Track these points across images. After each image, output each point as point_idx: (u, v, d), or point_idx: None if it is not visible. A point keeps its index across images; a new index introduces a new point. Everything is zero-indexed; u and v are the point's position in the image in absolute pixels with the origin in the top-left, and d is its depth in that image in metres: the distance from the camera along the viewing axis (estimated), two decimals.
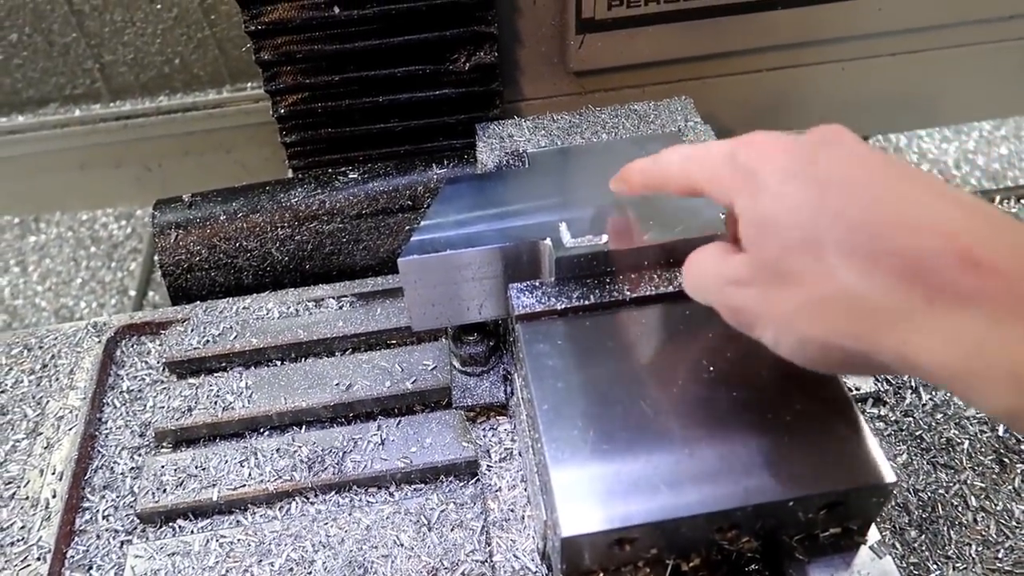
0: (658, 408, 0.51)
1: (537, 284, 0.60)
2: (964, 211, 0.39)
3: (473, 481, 0.66)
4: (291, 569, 0.60)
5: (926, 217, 0.39)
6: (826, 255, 0.41)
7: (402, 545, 0.61)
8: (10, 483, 0.68)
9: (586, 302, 0.58)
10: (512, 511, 0.60)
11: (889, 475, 0.47)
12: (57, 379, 0.75)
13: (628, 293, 0.58)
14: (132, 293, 1.39)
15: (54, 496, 0.66)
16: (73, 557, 0.64)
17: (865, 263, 0.39)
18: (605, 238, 0.59)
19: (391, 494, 0.67)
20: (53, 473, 0.68)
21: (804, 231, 0.41)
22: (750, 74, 1.02)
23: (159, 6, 1.26)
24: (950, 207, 0.39)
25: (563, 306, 0.58)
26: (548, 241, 0.59)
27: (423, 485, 0.67)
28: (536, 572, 0.55)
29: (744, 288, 0.45)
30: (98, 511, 0.67)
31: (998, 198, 0.87)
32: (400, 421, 0.70)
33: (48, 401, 0.73)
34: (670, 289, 0.58)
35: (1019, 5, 0.99)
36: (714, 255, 0.49)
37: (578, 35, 0.90)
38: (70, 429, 0.71)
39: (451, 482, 0.67)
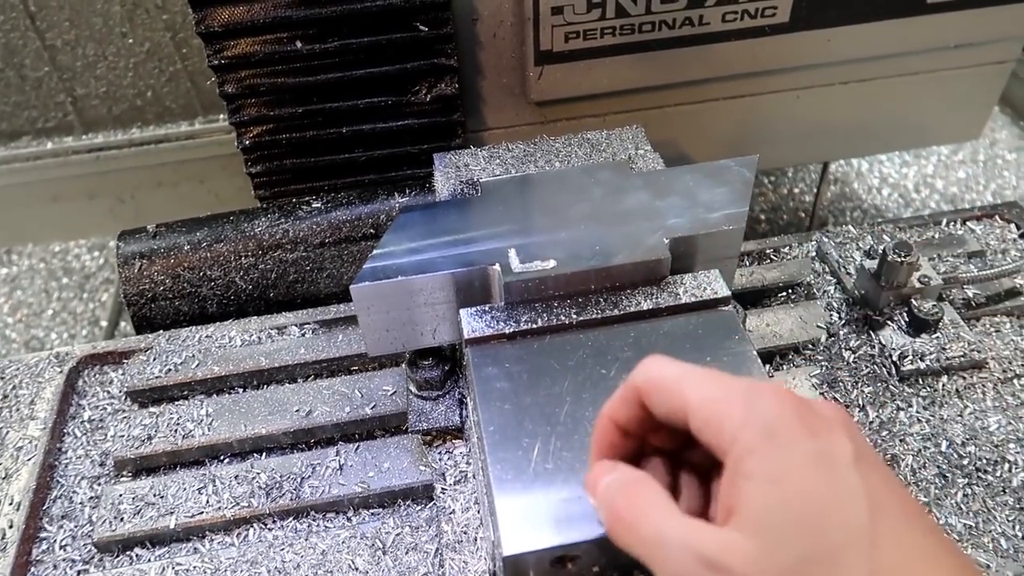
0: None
1: (487, 309, 0.62)
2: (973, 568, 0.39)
3: (429, 504, 0.67)
4: None
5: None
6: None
7: (357, 569, 0.62)
8: None
9: (534, 326, 0.60)
10: (465, 533, 0.61)
11: None
12: (18, 409, 0.76)
13: (575, 317, 0.60)
14: (104, 324, 1.40)
15: (11, 526, 0.66)
16: None
17: None
18: (552, 263, 0.61)
19: (349, 519, 0.67)
20: (11, 504, 0.68)
21: (835, 550, 0.36)
22: (708, 103, 1.05)
23: (131, 40, 1.28)
24: (965, 563, 0.40)
25: (512, 330, 0.59)
26: (497, 267, 0.61)
27: (380, 509, 0.68)
28: None
29: None
30: (55, 541, 0.67)
31: (944, 220, 0.90)
32: (359, 446, 0.71)
33: (8, 432, 0.74)
34: (615, 312, 0.60)
35: (964, 35, 1.02)
36: (670, 511, 0.40)
37: (537, 67, 0.92)
38: (29, 459, 0.71)
39: (408, 506, 0.68)
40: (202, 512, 0.67)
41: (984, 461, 0.67)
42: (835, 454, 0.38)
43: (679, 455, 0.46)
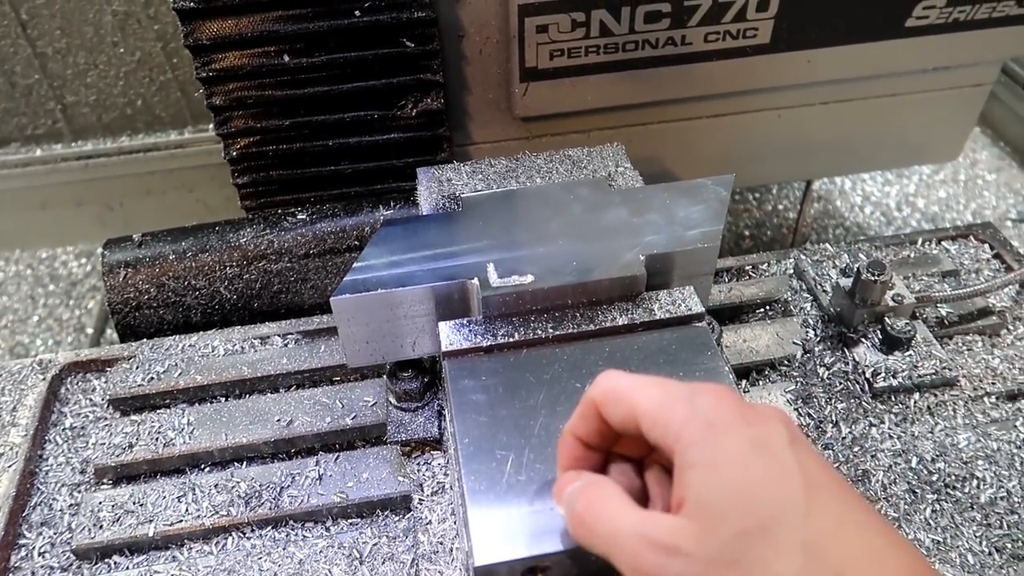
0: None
1: (466, 322, 0.63)
2: (915, 553, 0.42)
3: (407, 515, 0.68)
4: None
5: (892, 551, 0.40)
6: (789, 555, 0.39)
7: None
8: None
9: (511, 339, 0.61)
10: (441, 544, 0.62)
11: None
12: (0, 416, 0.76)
13: (551, 331, 0.61)
14: (89, 331, 1.40)
15: None
16: None
17: (810, 566, 0.38)
18: (530, 278, 0.62)
19: (327, 528, 0.68)
20: None
21: (770, 521, 0.39)
22: (691, 120, 1.07)
23: (122, 50, 1.29)
24: (904, 543, 0.42)
25: (489, 343, 0.60)
26: (476, 281, 0.62)
27: (359, 519, 0.69)
28: None
29: (675, 558, 0.40)
30: (34, 548, 0.67)
31: (920, 240, 0.91)
32: (338, 456, 0.71)
33: None
34: (591, 327, 0.61)
35: (942, 58, 1.04)
36: (623, 504, 0.43)
37: (522, 83, 0.94)
38: (9, 466, 0.71)
39: (386, 516, 0.68)
40: (181, 520, 0.67)
41: (953, 477, 0.69)
42: (770, 439, 0.42)
43: (645, 461, 0.49)
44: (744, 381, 0.78)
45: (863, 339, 0.78)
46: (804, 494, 0.40)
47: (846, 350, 0.78)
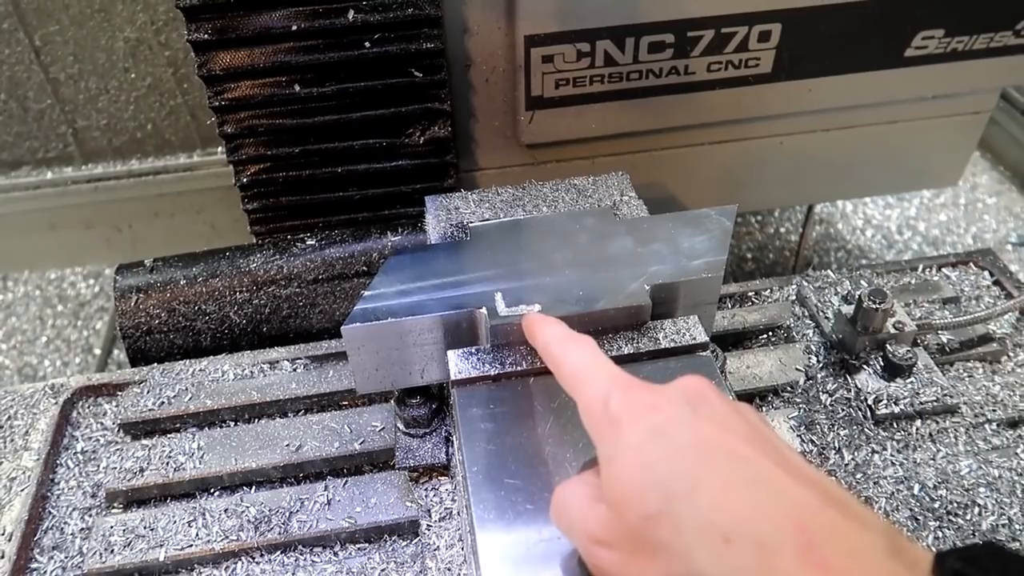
0: (582, 470, 0.55)
1: (474, 350, 0.64)
2: (818, 499, 0.40)
3: (415, 540, 0.69)
4: None
5: (779, 504, 0.39)
6: (684, 530, 0.40)
7: None
8: None
9: (519, 368, 0.62)
10: (449, 570, 0.63)
11: None
12: (12, 440, 0.77)
13: None
14: (97, 352, 1.41)
15: (2, 556, 0.67)
16: None
17: (717, 545, 0.39)
18: (537, 307, 0.63)
19: (335, 553, 0.69)
20: (3, 534, 0.69)
21: (664, 501, 0.41)
22: (694, 147, 1.09)
23: (133, 75, 1.32)
24: (806, 493, 0.40)
25: (497, 372, 0.61)
26: (484, 310, 0.63)
27: (367, 544, 0.69)
28: None
29: (606, 550, 0.45)
30: (45, 572, 0.68)
31: (920, 266, 0.92)
32: (347, 481, 0.72)
33: (1, 462, 0.75)
34: None
35: (941, 87, 1.06)
36: (580, 498, 0.47)
37: (528, 111, 0.95)
38: (22, 490, 0.72)
39: (394, 541, 0.69)
40: (191, 545, 0.68)
41: (955, 504, 0.69)
42: (668, 422, 0.44)
43: None
44: None
45: (865, 366, 0.79)
46: (691, 466, 0.41)
47: (848, 377, 0.79)
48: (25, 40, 1.26)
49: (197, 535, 0.68)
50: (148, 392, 0.80)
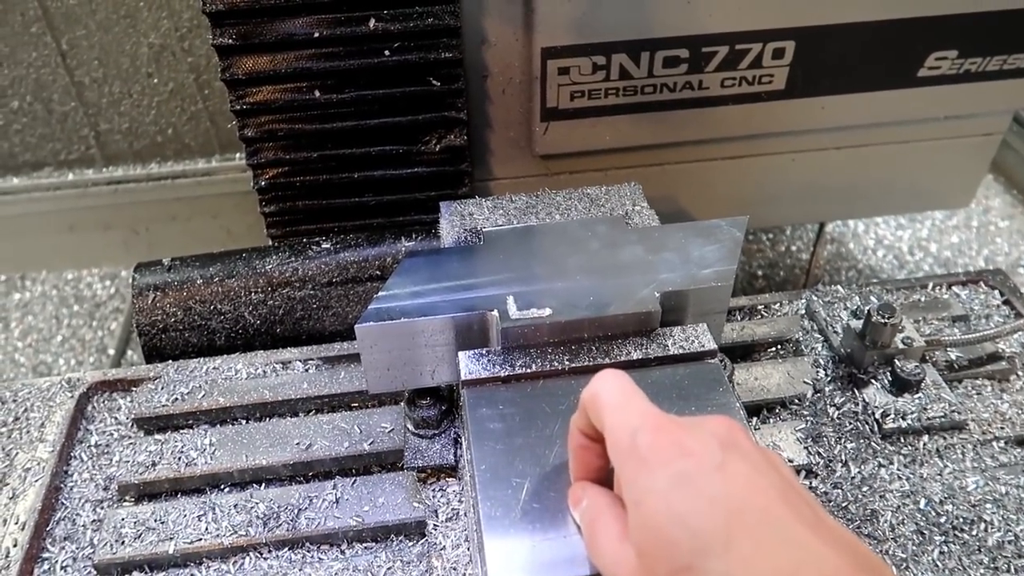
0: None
1: (485, 352, 0.64)
2: (851, 565, 0.40)
3: (421, 540, 0.69)
4: None
5: (812, 568, 0.40)
6: None
7: None
8: None
9: (528, 370, 0.62)
10: (455, 569, 0.63)
11: None
12: (28, 432, 0.78)
13: (567, 363, 0.63)
14: (111, 352, 1.43)
15: (15, 545, 0.68)
16: None
17: None
18: (548, 311, 0.64)
19: (342, 551, 0.69)
20: (16, 523, 0.70)
21: (695, 557, 0.41)
22: (706, 162, 1.10)
23: (156, 80, 1.34)
24: (838, 557, 0.40)
25: (507, 373, 0.62)
26: (496, 313, 0.64)
27: (374, 543, 0.70)
28: None
29: None
30: (56, 562, 0.69)
31: (931, 284, 0.93)
32: (355, 480, 0.73)
33: (17, 453, 0.76)
34: (606, 361, 0.63)
35: (954, 107, 1.07)
36: (610, 538, 0.47)
37: (543, 122, 0.97)
38: (36, 481, 0.73)
39: (400, 540, 0.70)
40: (201, 539, 0.69)
41: (961, 520, 0.69)
42: (697, 469, 0.43)
43: None
44: (755, 419, 0.79)
45: (873, 380, 0.79)
46: (724, 522, 0.41)
47: (856, 391, 0.79)
48: (52, 44, 1.29)
49: (207, 529, 0.69)
50: (162, 388, 0.81)
